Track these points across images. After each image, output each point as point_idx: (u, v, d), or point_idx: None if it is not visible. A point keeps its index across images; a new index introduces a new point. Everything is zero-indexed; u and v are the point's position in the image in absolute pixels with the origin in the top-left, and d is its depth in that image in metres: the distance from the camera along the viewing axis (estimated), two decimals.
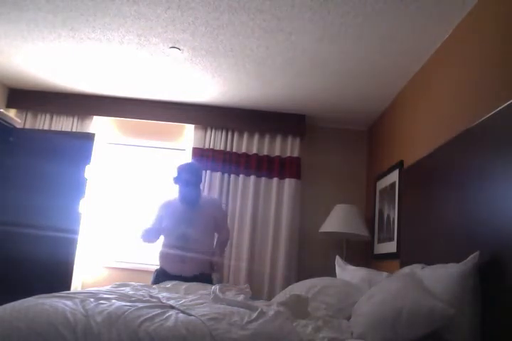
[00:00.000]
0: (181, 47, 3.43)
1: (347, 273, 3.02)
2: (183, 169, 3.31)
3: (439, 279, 2.05)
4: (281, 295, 2.64)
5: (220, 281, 3.38)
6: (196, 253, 3.21)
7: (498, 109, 2.09)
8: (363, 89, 3.89)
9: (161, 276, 3.20)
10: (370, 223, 4.22)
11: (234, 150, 4.56)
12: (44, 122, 4.56)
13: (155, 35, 3.27)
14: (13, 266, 3.83)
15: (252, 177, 4.46)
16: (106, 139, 4.66)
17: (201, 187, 3.44)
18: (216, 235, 3.53)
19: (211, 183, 4.42)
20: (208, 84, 4.08)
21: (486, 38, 2.46)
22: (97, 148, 4.45)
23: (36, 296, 1.91)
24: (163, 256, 3.33)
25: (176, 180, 3.29)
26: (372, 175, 4.43)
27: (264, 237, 4.36)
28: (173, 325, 1.71)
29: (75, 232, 4.05)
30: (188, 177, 3.26)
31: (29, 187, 4.09)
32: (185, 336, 1.67)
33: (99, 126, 4.61)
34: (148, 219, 3.51)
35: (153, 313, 1.79)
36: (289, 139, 4.59)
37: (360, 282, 2.76)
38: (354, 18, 2.86)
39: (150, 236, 3.32)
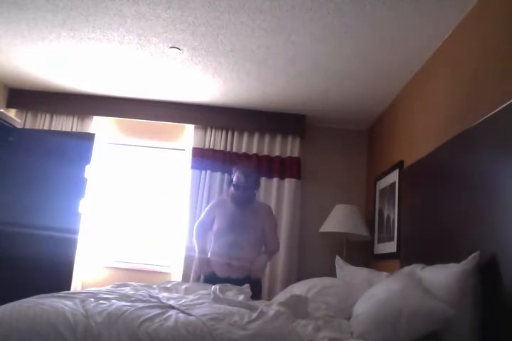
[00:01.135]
0: (181, 47, 3.43)
1: (347, 273, 3.01)
2: (235, 171, 3.38)
3: (439, 279, 2.05)
4: (281, 295, 2.64)
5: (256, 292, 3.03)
6: (243, 262, 3.23)
7: (498, 109, 2.09)
8: (363, 89, 3.89)
9: (210, 280, 3.16)
10: (370, 223, 4.22)
11: (234, 150, 4.56)
12: (44, 122, 4.56)
13: (155, 35, 3.27)
14: (13, 266, 3.83)
15: None
16: (106, 139, 4.65)
17: (256, 192, 3.46)
18: (263, 247, 3.39)
19: (211, 183, 4.42)
20: (208, 84, 4.08)
21: (486, 38, 2.46)
22: (97, 148, 4.45)
23: (36, 296, 1.91)
24: (212, 261, 3.33)
25: (229, 181, 3.41)
26: (372, 175, 4.43)
27: None
28: (173, 325, 1.71)
29: (75, 232, 4.05)
30: (239, 180, 3.30)
31: (29, 187, 4.10)
32: (185, 336, 1.67)
33: (99, 126, 4.61)
34: (200, 217, 3.54)
35: (153, 313, 1.79)
36: (289, 139, 4.59)
37: (360, 282, 2.76)
38: (354, 19, 2.86)
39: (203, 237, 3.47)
